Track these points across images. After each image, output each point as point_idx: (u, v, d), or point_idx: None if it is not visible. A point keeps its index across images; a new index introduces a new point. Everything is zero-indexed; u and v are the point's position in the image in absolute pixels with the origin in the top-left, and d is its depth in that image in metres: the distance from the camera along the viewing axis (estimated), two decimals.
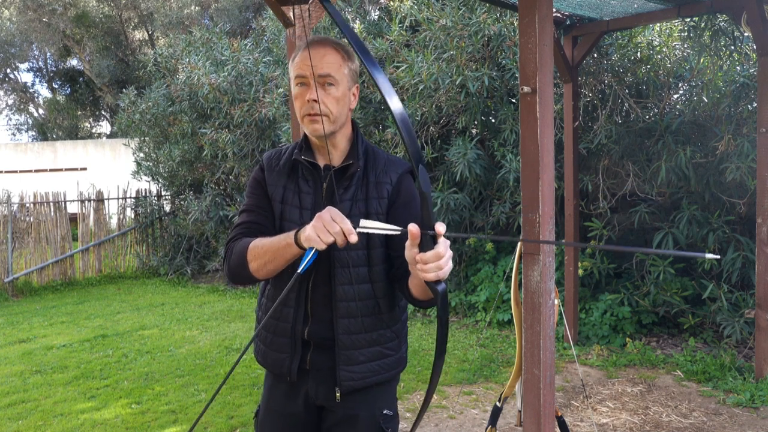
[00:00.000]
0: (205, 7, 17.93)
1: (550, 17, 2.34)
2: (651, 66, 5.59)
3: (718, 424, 3.77)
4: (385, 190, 1.63)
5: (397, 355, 1.72)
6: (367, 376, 1.66)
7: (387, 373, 1.69)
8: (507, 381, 3.06)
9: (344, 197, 1.63)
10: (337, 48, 1.61)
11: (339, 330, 1.63)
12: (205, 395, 4.37)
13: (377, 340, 1.67)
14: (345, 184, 1.64)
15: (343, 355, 1.64)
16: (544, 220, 2.35)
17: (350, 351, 1.64)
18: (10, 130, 24.24)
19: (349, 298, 1.63)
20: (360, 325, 1.64)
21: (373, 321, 1.65)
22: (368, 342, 1.66)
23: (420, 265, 1.27)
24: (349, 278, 1.62)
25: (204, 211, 8.40)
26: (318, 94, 1.56)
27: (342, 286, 1.62)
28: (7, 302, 8.08)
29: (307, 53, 1.57)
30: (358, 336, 1.64)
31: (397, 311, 1.72)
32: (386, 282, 1.66)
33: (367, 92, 6.70)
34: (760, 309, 4.29)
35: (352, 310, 1.63)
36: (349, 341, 1.64)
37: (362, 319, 1.64)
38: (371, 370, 1.67)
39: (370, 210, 1.62)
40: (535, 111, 2.32)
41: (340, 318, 1.63)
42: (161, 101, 9.02)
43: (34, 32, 18.56)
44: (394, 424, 1.73)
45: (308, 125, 1.60)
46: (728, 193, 5.09)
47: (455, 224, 6.09)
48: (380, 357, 1.68)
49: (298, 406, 1.72)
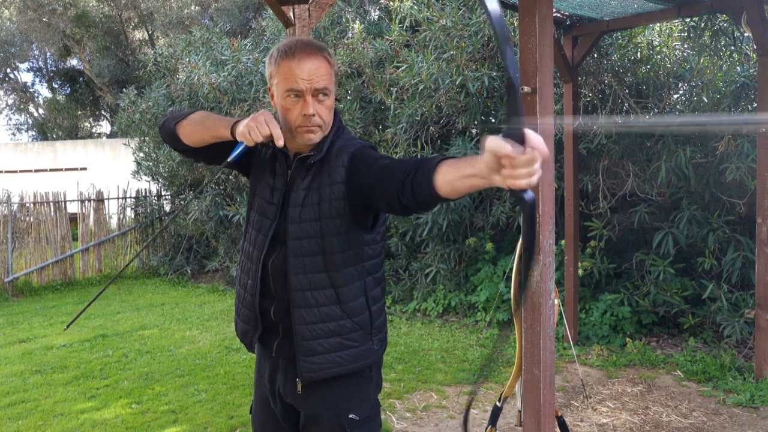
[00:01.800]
0: (205, 7, 17.92)
1: (550, 17, 2.35)
2: (651, 66, 5.59)
3: (718, 424, 3.77)
4: (338, 175, 1.63)
5: (362, 347, 1.69)
6: (327, 367, 1.65)
7: (350, 365, 1.67)
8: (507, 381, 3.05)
9: (300, 186, 1.66)
10: (325, 54, 1.63)
11: (296, 320, 1.64)
12: (205, 395, 4.37)
13: (336, 331, 1.65)
14: (303, 174, 1.67)
15: (301, 346, 1.64)
16: (544, 220, 2.35)
17: (308, 341, 1.64)
18: (10, 130, 24.24)
19: (305, 287, 1.63)
20: (317, 315, 1.63)
21: (331, 311, 1.64)
22: (326, 332, 1.64)
23: (508, 170, 1.03)
24: (302, 267, 1.63)
25: (204, 211, 8.40)
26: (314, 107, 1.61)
27: (296, 276, 1.63)
28: (7, 302, 8.08)
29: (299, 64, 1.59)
30: (315, 326, 1.64)
31: (364, 301, 1.69)
32: (348, 270, 1.65)
33: (367, 92, 6.70)
34: (760, 309, 4.29)
35: (308, 300, 1.63)
36: (306, 331, 1.64)
37: (318, 309, 1.63)
38: (331, 361, 1.65)
39: (322, 197, 1.63)
40: (535, 111, 2.33)
41: (296, 308, 1.64)
42: (161, 101, 9.02)
43: (34, 32, 18.56)
44: (364, 429, 1.70)
45: (302, 135, 1.63)
46: (728, 193, 5.09)
47: (455, 224, 6.09)
48: (341, 348, 1.65)
49: (277, 406, 1.77)
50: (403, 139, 6.11)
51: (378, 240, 1.73)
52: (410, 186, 1.38)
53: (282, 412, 1.77)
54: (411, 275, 6.76)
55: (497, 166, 1.05)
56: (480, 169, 1.14)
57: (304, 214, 1.64)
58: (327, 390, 1.69)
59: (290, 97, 1.61)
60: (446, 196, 1.32)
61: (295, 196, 1.66)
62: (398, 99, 6.21)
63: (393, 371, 4.77)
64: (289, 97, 1.61)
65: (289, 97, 1.61)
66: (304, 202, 1.64)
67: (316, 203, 1.63)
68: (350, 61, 6.65)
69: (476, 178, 1.18)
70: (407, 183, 1.39)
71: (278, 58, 1.62)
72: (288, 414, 1.77)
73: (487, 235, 6.21)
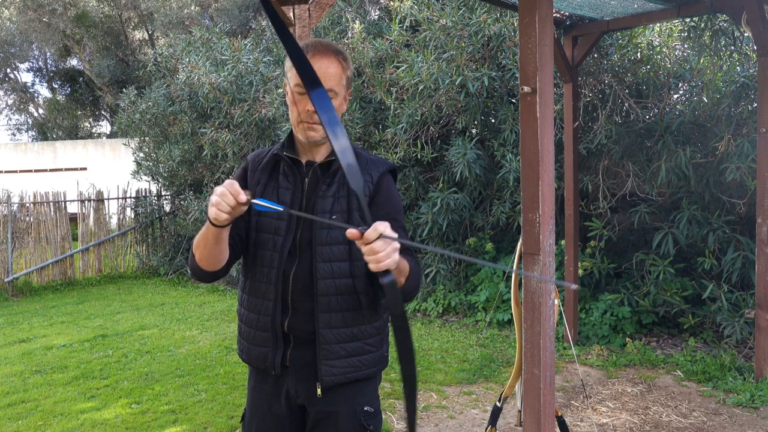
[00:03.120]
0: (205, 7, 17.93)
1: (550, 17, 2.34)
2: (651, 66, 5.59)
3: (718, 424, 3.77)
4: (366, 188, 1.64)
5: (379, 352, 1.73)
6: (347, 372, 1.67)
7: (368, 369, 1.71)
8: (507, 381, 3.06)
9: (327, 193, 1.67)
10: (339, 57, 1.66)
11: (320, 324, 1.65)
12: (205, 395, 4.37)
13: (358, 336, 1.68)
14: (328, 180, 1.67)
15: (324, 350, 1.66)
16: (544, 220, 2.35)
17: (331, 345, 1.66)
18: (10, 130, 24.23)
19: (331, 292, 1.65)
20: (341, 320, 1.66)
21: (354, 316, 1.67)
22: (349, 337, 1.67)
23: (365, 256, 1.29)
24: (330, 272, 1.65)
25: (204, 211, 8.40)
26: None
27: (323, 280, 1.64)
28: (7, 302, 8.08)
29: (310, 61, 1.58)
30: (339, 330, 1.66)
31: (379, 308, 1.73)
32: (366, 278, 1.66)
33: (367, 92, 6.70)
34: (760, 309, 4.29)
35: (333, 305, 1.65)
36: (330, 335, 1.65)
37: (343, 314, 1.66)
38: (352, 365, 1.68)
39: (351, 206, 1.65)
40: (535, 111, 2.32)
41: (321, 312, 1.65)
42: (161, 101, 9.02)
43: (34, 32, 18.57)
44: (376, 421, 1.74)
45: (304, 131, 1.65)
46: (728, 193, 5.09)
47: (455, 224, 6.09)
48: (361, 353, 1.69)
49: (281, 407, 1.75)
50: (403, 139, 6.11)
51: None
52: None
53: (288, 413, 1.75)
54: None
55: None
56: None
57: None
58: (346, 390, 1.71)
59: (298, 93, 1.64)
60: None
61: (322, 203, 1.66)
62: (398, 99, 6.22)
63: (393, 371, 4.77)
64: (297, 92, 1.64)
65: (297, 92, 1.64)
66: (333, 209, 1.66)
67: (345, 210, 1.65)
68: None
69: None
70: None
71: None
72: (294, 414, 1.76)
73: (487, 235, 6.21)
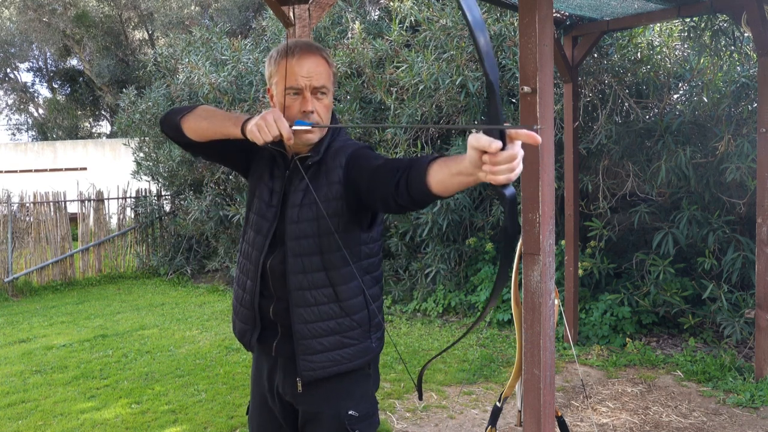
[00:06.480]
0: (205, 7, 17.92)
1: (550, 17, 2.34)
2: (651, 66, 5.59)
3: (718, 424, 3.77)
4: (336, 175, 1.65)
5: (361, 344, 1.70)
6: (327, 366, 1.66)
7: (349, 363, 1.69)
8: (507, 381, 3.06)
9: (299, 187, 1.68)
10: (324, 55, 1.67)
11: (295, 319, 1.65)
12: (205, 395, 4.37)
13: (336, 329, 1.66)
14: (300, 175, 1.69)
15: (301, 345, 1.66)
16: (544, 220, 2.35)
17: (308, 340, 1.65)
18: (10, 130, 24.22)
19: (303, 286, 1.65)
20: (316, 314, 1.65)
21: (330, 309, 1.66)
22: (326, 331, 1.66)
23: (488, 166, 1.08)
24: (301, 267, 1.65)
25: (204, 211, 8.40)
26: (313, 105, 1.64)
27: (295, 275, 1.65)
28: (7, 302, 8.08)
29: (298, 62, 1.62)
30: (314, 325, 1.65)
31: (362, 299, 1.70)
32: (346, 269, 1.66)
33: (367, 92, 6.70)
34: (760, 309, 4.29)
35: (308, 299, 1.65)
36: (305, 330, 1.65)
37: (318, 308, 1.65)
38: (331, 359, 1.67)
39: (320, 197, 1.65)
40: (535, 111, 2.32)
41: (296, 307, 1.65)
42: (161, 101, 9.02)
43: (34, 32, 18.56)
44: (363, 425, 1.71)
45: (300, 133, 1.65)
46: (728, 193, 5.09)
47: (455, 224, 6.09)
48: (341, 346, 1.67)
49: (276, 405, 1.78)
50: (403, 139, 6.11)
51: (376, 239, 1.75)
52: (405, 185, 1.40)
53: (281, 410, 1.78)
54: (411, 275, 6.75)
55: (479, 162, 1.10)
56: (465, 166, 1.17)
57: (302, 214, 1.66)
58: (327, 388, 1.70)
59: (289, 95, 1.64)
60: (439, 193, 1.34)
61: (293, 197, 1.68)
62: (398, 99, 6.22)
63: (393, 371, 4.77)
64: (288, 95, 1.64)
65: (288, 95, 1.64)
66: (302, 202, 1.67)
67: (313, 203, 1.65)
68: (350, 61, 6.65)
69: (463, 175, 1.22)
70: (401, 182, 1.41)
71: (278, 57, 1.66)
72: (287, 412, 1.78)
73: (487, 235, 6.21)
